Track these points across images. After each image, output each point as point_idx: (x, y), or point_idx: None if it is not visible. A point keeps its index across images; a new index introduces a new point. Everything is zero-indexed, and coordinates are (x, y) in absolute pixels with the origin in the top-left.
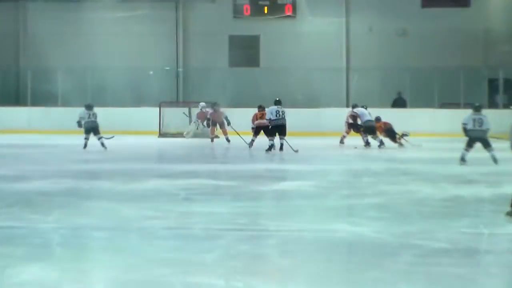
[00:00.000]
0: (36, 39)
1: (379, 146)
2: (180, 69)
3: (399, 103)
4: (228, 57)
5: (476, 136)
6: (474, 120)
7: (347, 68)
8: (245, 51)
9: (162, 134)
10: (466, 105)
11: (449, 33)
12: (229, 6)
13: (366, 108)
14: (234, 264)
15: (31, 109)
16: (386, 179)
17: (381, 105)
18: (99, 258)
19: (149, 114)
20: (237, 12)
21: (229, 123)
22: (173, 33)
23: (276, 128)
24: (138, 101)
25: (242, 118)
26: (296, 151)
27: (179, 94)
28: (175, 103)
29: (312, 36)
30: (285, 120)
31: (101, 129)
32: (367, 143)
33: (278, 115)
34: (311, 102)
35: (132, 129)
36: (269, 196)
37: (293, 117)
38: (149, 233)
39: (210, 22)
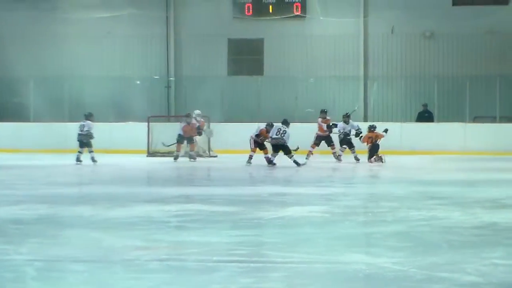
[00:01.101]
0: (3, 43)
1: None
2: (172, 78)
3: (425, 116)
4: (226, 64)
5: None
6: None
7: (365, 76)
8: (247, 57)
9: (150, 153)
10: (503, 119)
11: (484, 36)
12: (228, 4)
13: (348, 116)
14: None
15: None
16: (408, 204)
17: (404, 118)
18: None
19: (135, 130)
20: (237, 11)
21: (200, 134)
22: (163, 36)
23: (276, 147)
24: (123, 115)
25: (241, 134)
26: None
27: (170, 107)
28: (165, 117)
29: (325, 40)
30: (284, 140)
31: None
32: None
33: (277, 134)
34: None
35: (117, 147)
36: (274, 224)
37: (302, 133)
38: (136, 265)
39: (206, 23)
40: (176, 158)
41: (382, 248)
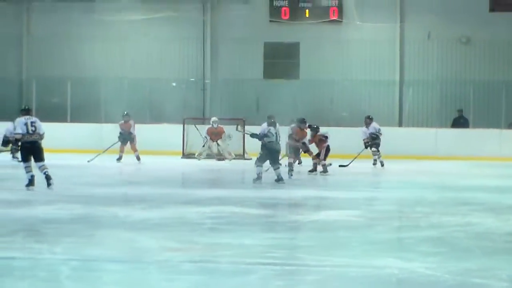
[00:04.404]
0: (42, 44)
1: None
2: (207, 81)
3: (460, 122)
4: (262, 67)
5: None
6: None
7: (401, 81)
8: (283, 61)
9: (185, 155)
10: None
11: None
12: (265, 8)
13: (371, 119)
14: None
15: None
16: (442, 209)
17: (440, 124)
18: None
19: (171, 132)
20: (274, 15)
21: (132, 140)
22: (199, 38)
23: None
24: (159, 116)
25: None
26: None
27: (205, 109)
28: (201, 119)
29: (361, 44)
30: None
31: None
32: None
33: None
34: (358, 120)
35: (152, 149)
36: (308, 227)
37: (336, 137)
38: (170, 266)
39: (242, 26)
40: (120, 158)
41: (415, 253)
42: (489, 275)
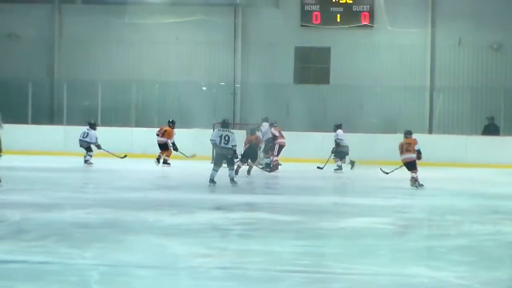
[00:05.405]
0: (74, 47)
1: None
2: (238, 85)
3: (490, 129)
4: (293, 72)
5: None
6: None
7: (431, 87)
8: (314, 65)
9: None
10: None
11: None
12: (296, 12)
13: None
14: None
15: (67, 128)
16: (473, 218)
17: (470, 131)
18: None
19: (201, 136)
20: (305, 19)
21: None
22: (230, 42)
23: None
24: (189, 120)
25: (305, 143)
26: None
27: (235, 114)
28: (231, 124)
29: (392, 49)
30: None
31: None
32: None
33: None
34: (388, 126)
35: (182, 154)
36: (337, 234)
37: (366, 144)
38: (200, 272)
39: (273, 30)
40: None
41: (445, 262)
42: None
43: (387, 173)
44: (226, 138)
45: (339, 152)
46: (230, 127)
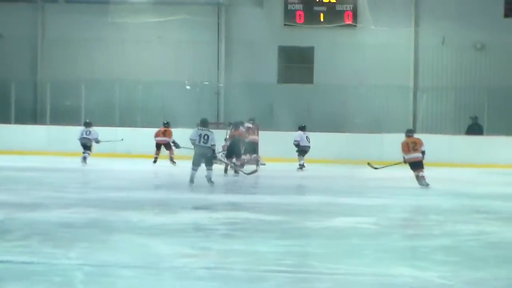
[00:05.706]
0: (57, 46)
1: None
2: (221, 84)
3: (474, 129)
4: (277, 72)
5: None
6: None
7: (415, 87)
8: (297, 65)
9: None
10: None
11: None
12: (279, 12)
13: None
14: None
15: (50, 128)
16: (456, 218)
17: (454, 131)
18: None
19: (184, 136)
20: (288, 19)
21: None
22: (214, 42)
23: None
24: (172, 120)
25: (290, 143)
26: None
27: (219, 113)
28: (214, 124)
29: (375, 49)
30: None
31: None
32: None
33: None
34: (372, 126)
35: (165, 153)
36: (321, 234)
37: (351, 143)
38: (184, 273)
39: (257, 30)
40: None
41: (428, 262)
42: (505, 285)
43: (376, 168)
44: (205, 137)
45: (301, 151)
46: (209, 126)
